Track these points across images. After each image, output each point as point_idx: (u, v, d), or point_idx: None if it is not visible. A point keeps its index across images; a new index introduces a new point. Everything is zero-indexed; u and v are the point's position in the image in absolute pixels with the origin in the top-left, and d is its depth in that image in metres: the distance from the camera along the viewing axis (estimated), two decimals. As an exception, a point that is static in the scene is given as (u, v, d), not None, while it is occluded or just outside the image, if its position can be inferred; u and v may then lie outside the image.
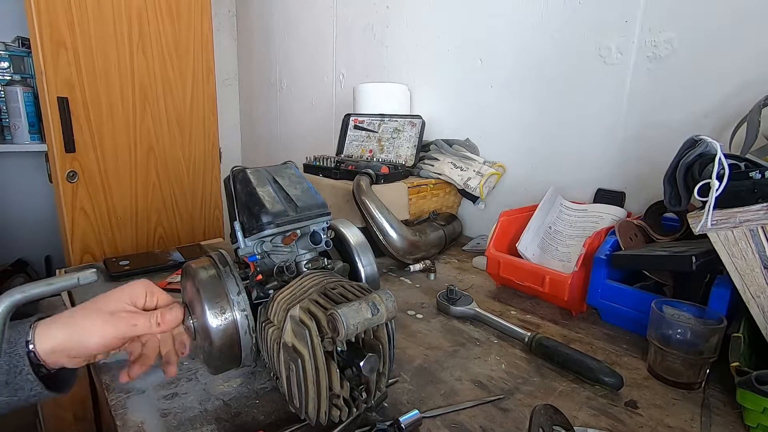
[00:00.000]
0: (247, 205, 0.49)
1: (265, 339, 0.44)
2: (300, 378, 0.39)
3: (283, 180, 0.53)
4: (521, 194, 1.09)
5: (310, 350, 0.38)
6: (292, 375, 0.40)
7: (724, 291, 0.57)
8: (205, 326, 0.44)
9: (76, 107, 1.34)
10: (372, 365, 0.40)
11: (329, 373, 0.39)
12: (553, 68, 1.01)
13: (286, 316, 0.41)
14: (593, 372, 0.53)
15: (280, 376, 0.43)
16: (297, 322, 0.40)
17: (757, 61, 0.73)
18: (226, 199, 0.52)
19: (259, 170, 0.52)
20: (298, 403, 0.40)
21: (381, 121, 1.22)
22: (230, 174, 0.50)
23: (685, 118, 0.82)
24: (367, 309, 0.39)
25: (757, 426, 0.45)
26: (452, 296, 0.73)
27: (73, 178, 1.37)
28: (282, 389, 0.43)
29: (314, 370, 0.39)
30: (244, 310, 0.46)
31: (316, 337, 0.38)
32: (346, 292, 0.43)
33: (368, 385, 0.43)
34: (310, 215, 0.52)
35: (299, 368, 0.38)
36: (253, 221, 0.49)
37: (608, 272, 0.69)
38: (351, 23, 1.55)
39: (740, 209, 0.53)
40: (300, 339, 0.39)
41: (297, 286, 0.46)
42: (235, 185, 0.50)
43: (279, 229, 0.49)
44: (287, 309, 0.42)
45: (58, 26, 1.27)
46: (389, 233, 0.88)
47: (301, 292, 0.45)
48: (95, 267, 0.88)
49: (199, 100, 1.63)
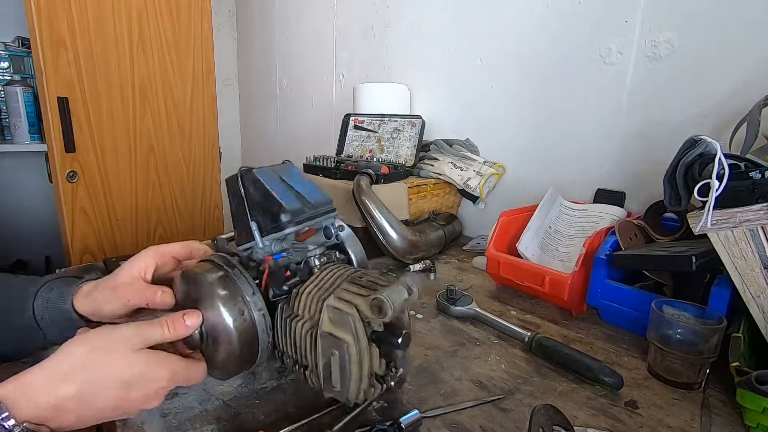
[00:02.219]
0: (263, 205, 0.49)
1: (292, 333, 0.46)
2: (345, 362, 0.41)
3: (290, 178, 0.53)
4: (521, 194, 1.09)
5: (354, 335, 0.41)
6: (333, 361, 0.42)
7: (724, 291, 0.57)
8: (224, 330, 0.44)
9: (76, 107, 1.34)
10: (407, 341, 0.44)
11: (371, 354, 0.43)
12: (553, 68, 1.01)
13: (321, 307, 0.43)
14: (593, 372, 0.53)
15: (314, 366, 0.45)
16: (336, 310, 0.42)
17: (757, 61, 0.73)
18: (232, 200, 0.51)
19: (266, 169, 0.52)
20: (338, 388, 0.43)
21: (381, 121, 1.22)
22: (238, 174, 0.49)
23: (685, 118, 0.82)
24: (403, 290, 0.43)
25: (757, 426, 0.45)
26: (452, 296, 0.73)
27: (73, 178, 1.37)
28: (312, 379, 0.45)
29: (358, 353, 0.42)
30: (261, 309, 0.46)
31: (358, 322, 0.41)
32: (375, 279, 0.46)
33: (395, 362, 0.47)
34: (322, 211, 0.53)
35: (343, 353, 0.41)
36: (270, 220, 0.48)
37: (608, 272, 0.69)
38: (351, 23, 1.55)
39: (740, 209, 0.53)
40: (340, 326, 0.42)
41: (321, 279, 0.47)
42: (246, 185, 0.50)
43: (299, 226, 0.49)
44: (321, 300, 0.44)
45: (58, 26, 1.27)
46: (389, 233, 0.87)
47: (330, 284, 0.46)
48: (96, 267, 0.88)
49: (199, 100, 1.63)
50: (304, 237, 0.52)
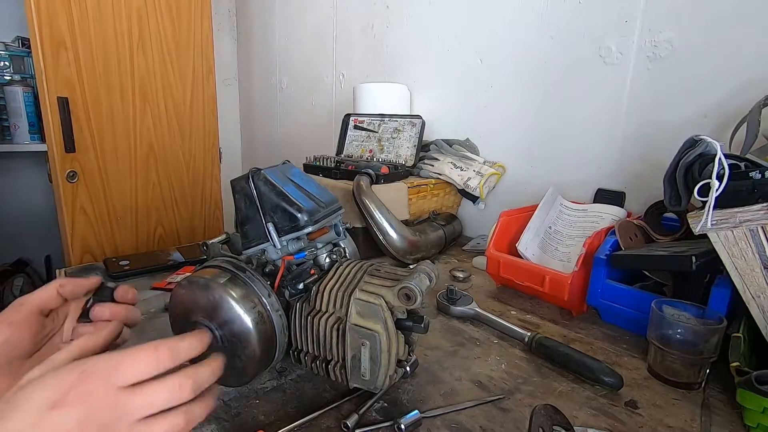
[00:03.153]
0: (280, 206, 0.49)
1: (315, 329, 0.47)
2: (376, 351, 0.44)
3: (296, 179, 0.54)
4: (521, 194, 1.09)
5: (383, 324, 0.44)
6: (363, 352, 0.44)
7: (724, 291, 0.57)
8: (244, 335, 0.44)
9: (76, 107, 1.33)
10: (428, 325, 0.47)
11: (398, 342, 0.46)
12: (553, 68, 1.01)
13: (348, 301, 0.45)
14: (593, 372, 0.53)
15: (339, 359, 0.47)
16: (364, 302, 0.44)
17: (757, 61, 0.73)
18: (241, 201, 0.50)
19: (274, 170, 0.52)
20: (368, 377, 0.45)
21: (381, 121, 1.22)
22: (248, 175, 0.49)
23: (685, 118, 0.82)
24: (425, 278, 0.45)
25: (757, 426, 0.45)
26: (452, 296, 0.73)
27: (73, 178, 1.37)
28: (336, 372, 0.47)
29: (388, 341, 0.44)
30: (278, 310, 0.46)
31: (387, 312, 0.44)
32: (392, 270, 0.48)
33: (412, 346, 0.50)
34: (332, 209, 0.54)
35: (375, 343, 0.44)
36: (287, 220, 0.49)
37: (608, 272, 0.69)
38: (351, 23, 1.55)
39: (740, 209, 0.53)
40: (369, 317, 0.44)
41: (341, 274, 0.49)
42: (258, 186, 0.50)
43: (316, 225, 0.50)
44: (346, 294, 0.46)
45: (58, 26, 1.27)
46: (389, 233, 0.87)
47: (350, 278, 0.48)
48: (96, 267, 0.88)
49: (199, 100, 1.63)
50: (316, 235, 0.53)
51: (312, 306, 0.48)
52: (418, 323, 0.46)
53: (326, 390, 0.51)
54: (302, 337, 0.49)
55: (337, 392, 0.51)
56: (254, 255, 0.51)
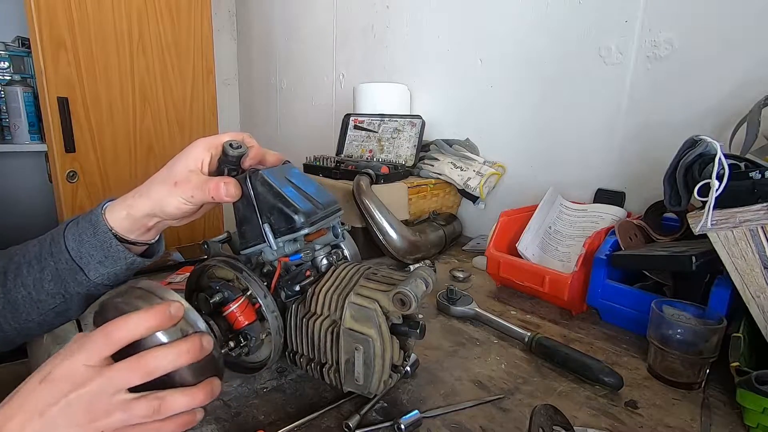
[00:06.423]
0: (276, 207, 0.48)
1: (309, 332, 0.47)
2: (369, 356, 0.43)
3: (295, 179, 0.53)
4: (521, 194, 1.09)
5: (377, 329, 0.43)
6: (357, 356, 0.44)
7: (724, 291, 0.57)
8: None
9: (76, 107, 1.34)
10: (424, 330, 0.47)
11: (392, 347, 0.45)
12: (553, 68, 1.01)
13: (342, 305, 0.45)
14: (593, 372, 0.53)
15: (333, 362, 0.46)
16: (359, 306, 0.44)
17: (757, 61, 0.74)
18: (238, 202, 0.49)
19: (273, 170, 0.52)
20: (361, 381, 0.44)
21: (381, 121, 1.22)
22: (247, 176, 0.49)
23: (685, 118, 0.82)
24: (421, 283, 0.45)
25: (757, 426, 0.45)
26: (452, 296, 0.73)
27: (73, 178, 1.37)
28: (330, 376, 0.47)
29: (382, 346, 0.43)
30: (273, 311, 0.46)
31: (381, 317, 0.43)
32: (389, 274, 0.48)
33: (408, 350, 0.50)
34: (331, 211, 0.53)
35: (368, 348, 0.43)
36: (283, 222, 0.48)
37: (608, 272, 0.69)
38: (351, 23, 1.55)
39: (740, 209, 0.53)
40: (363, 321, 0.44)
41: (336, 277, 0.48)
42: (255, 187, 0.49)
43: (314, 227, 0.49)
44: (341, 298, 0.46)
45: (58, 26, 1.27)
46: (389, 233, 0.87)
47: (346, 282, 0.48)
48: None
49: (199, 100, 1.63)
50: (313, 237, 0.52)
51: (307, 308, 0.48)
52: (413, 329, 0.46)
53: (326, 390, 0.51)
54: (298, 339, 0.48)
55: (336, 392, 0.50)
56: (253, 255, 0.51)
